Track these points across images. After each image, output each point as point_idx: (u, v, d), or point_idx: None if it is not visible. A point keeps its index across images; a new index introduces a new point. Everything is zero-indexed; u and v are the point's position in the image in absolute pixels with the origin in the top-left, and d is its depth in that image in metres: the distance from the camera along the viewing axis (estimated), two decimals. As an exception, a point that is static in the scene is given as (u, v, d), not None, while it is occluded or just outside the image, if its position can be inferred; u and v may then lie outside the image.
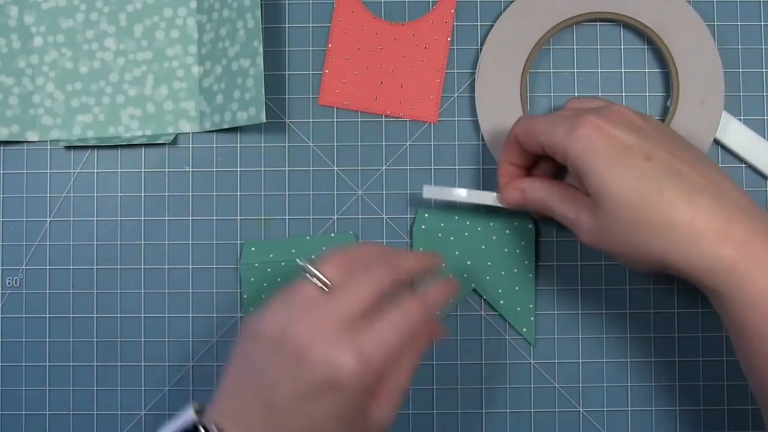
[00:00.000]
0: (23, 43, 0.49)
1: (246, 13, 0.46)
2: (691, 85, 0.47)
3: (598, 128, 0.38)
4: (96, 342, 0.49)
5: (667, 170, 0.37)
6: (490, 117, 0.48)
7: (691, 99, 0.47)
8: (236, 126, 0.48)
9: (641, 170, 0.37)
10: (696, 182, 0.37)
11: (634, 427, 0.48)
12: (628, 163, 0.37)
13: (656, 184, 0.37)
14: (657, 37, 0.47)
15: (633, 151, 0.38)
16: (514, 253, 0.48)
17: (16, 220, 0.49)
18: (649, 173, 0.37)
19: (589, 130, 0.38)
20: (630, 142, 0.38)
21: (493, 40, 0.48)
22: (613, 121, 0.39)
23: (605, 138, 0.38)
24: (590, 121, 0.38)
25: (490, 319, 0.48)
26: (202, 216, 0.49)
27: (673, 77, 0.47)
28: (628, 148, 0.38)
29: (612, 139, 0.38)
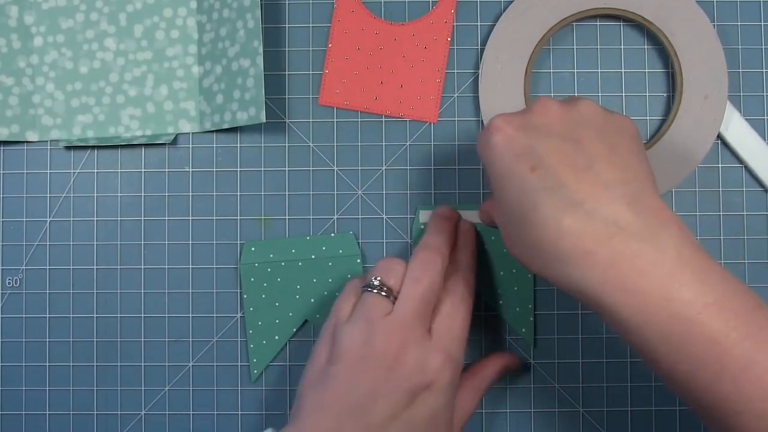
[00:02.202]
0: (23, 43, 0.49)
1: (246, 13, 0.46)
2: (694, 80, 0.47)
3: (500, 132, 0.36)
4: (96, 342, 0.49)
5: (550, 183, 0.35)
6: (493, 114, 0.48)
7: (695, 93, 0.47)
8: (236, 126, 0.48)
9: (523, 183, 0.35)
10: (575, 196, 0.34)
11: (634, 427, 0.48)
12: (516, 173, 0.36)
13: (533, 199, 0.35)
14: (659, 31, 0.47)
15: (522, 159, 0.36)
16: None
17: (16, 220, 0.49)
18: (529, 187, 0.35)
19: (492, 134, 0.37)
20: (522, 147, 0.36)
21: (496, 38, 0.48)
22: (518, 123, 0.36)
23: (504, 143, 0.36)
24: (494, 124, 0.37)
25: (490, 319, 0.48)
26: (202, 216, 0.49)
27: (677, 71, 0.47)
28: (519, 156, 0.36)
29: (509, 143, 0.36)
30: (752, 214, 0.48)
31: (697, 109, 0.47)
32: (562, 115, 0.37)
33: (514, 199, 0.36)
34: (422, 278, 0.40)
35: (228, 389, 0.48)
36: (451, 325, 0.41)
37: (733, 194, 0.48)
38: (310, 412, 0.39)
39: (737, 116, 0.47)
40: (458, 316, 0.41)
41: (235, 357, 0.48)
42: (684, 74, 0.47)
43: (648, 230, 0.34)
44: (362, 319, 0.40)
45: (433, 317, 0.41)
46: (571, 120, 0.37)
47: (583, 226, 0.34)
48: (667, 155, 0.47)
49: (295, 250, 0.48)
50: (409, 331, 0.39)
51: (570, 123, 0.37)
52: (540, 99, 0.38)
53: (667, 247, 0.33)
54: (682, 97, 0.47)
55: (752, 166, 0.47)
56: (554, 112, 0.37)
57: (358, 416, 0.38)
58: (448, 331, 0.40)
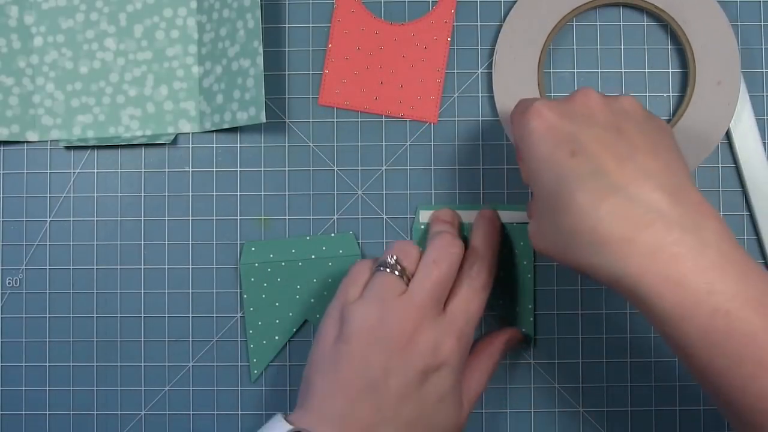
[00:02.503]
0: (23, 43, 0.49)
1: (246, 13, 0.46)
2: (706, 66, 0.47)
3: (541, 117, 0.36)
4: (96, 342, 0.49)
5: (589, 169, 0.34)
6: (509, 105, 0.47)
7: (708, 79, 0.47)
8: (236, 126, 0.48)
9: (561, 168, 0.35)
10: (617, 181, 0.34)
11: (634, 427, 0.48)
12: (555, 159, 0.35)
13: (571, 184, 0.34)
14: (670, 18, 0.47)
15: (562, 145, 0.35)
16: (513, 253, 0.48)
17: (16, 220, 0.49)
18: (568, 172, 0.35)
19: (531, 118, 0.36)
20: (563, 134, 0.35)
21: (508, 29, 0.48)
22: (560, 110, 0.36)
23: (544, 128, 0.36)
24: (536, 109, 0.36)
25: (490, 319, 0.48)
26: (202, 216, 0.49)
27: (689, 58, 0.47)
28: (560, 142, 0.35)
29: (550, 130, 0.36)
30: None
31: (711, 95, 0.47)
32: (605, 106, 0.37)
33: (551, 185, 0.35)
34: (440, 262, 0.40)
35: (228, 389, 0.48)
36: (467, 308, 0.41)
37: (733, 194, 0.48)
38: (321, 394, 0.39)
39: (748, 109, 0.48)
40: (475, 301, 0.41)
41: (235, 357, 0.48)
42: (696, 60, 0.47)
43: (690, 220, 0.33)
44: (375, 299, 0.40)
45: (449, 299, 0.41)
46: (613, 111, 0.37)
47: (623, 211, 0.33)
48: (682, 142, 0.47)
49: (295, 250, 0.48)
50: (423, 312, 0.39)
51: (612, 114, 0.36)
52: (581, 89, 0.38)
53: (708, 238, 0.33)
54: (696, 83, 0.47)
55: (744, 167, 0.48)
56: (596, 102, 0.37)
57: (371, 396, 0.38)
58: (463, 314, 0.41)
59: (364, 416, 0.38)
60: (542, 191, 0.36)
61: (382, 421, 0.38)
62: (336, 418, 0.38)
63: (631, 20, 0.49)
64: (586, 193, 0.34)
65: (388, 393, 0.38)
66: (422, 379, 0.38)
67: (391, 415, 0.38)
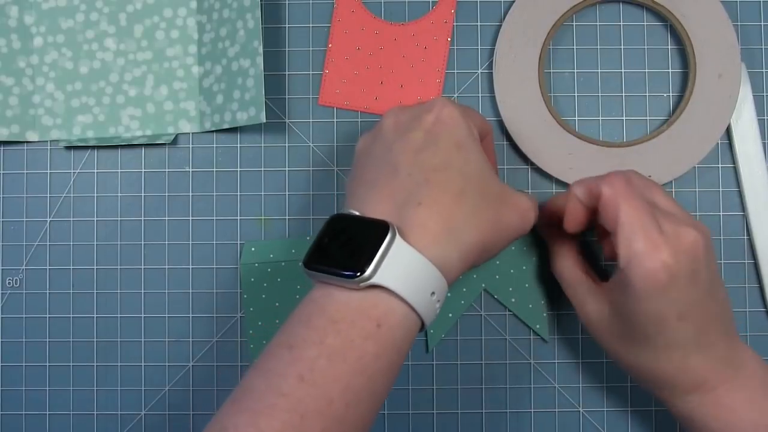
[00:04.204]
0: (23, 43, 0.49)
1: (246, 14, 0.46)
2: (707, 60, 0.47)
3: (667, 272, 0.37)
4: (96, 342, 0.49)
5: (692, 332, 0.38)
6: (511, 103, 0.48)
7: (709, 73, 0.47)
8: (236, 126, 0.48)
9: (667, 329, 0.38)
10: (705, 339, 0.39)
11: (634, 427, 0.48)
12: (662, 317, 0.38)
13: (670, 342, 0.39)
14: (669, 13, 0.47)
15: (671, 307, 0.38)
16: (521, 251, 0.48)
17: (16, 220, 0.49)
18: (670, 332, 0.38)
19: (657, 269, 0.37)
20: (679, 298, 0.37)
21: (508, 28, 0.48)
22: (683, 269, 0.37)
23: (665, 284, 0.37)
24: (664, 262, 0.37)
25: (490, 319, 0.48)
26: (202, 216, 0.49)
27: (689, 53, 0.47)
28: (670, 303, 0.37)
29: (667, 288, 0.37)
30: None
31: (712, 89, 0.47)
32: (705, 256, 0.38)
33: (648, 330, 0.39)
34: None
35: (228, 389, 0.48)
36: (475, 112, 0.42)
37: (733, 194, 0.48)
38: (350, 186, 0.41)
39: (749, 103, 0.48)
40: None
41: (235, 357, 0.48)
42: (696, 55, 0.47)
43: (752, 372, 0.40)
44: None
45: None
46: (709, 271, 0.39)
47: (709, 366, 0.39)
48: (685, 136, 0.47)
49: (295, 250, 0.48)
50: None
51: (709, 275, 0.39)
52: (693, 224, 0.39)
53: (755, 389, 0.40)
54: (696, 77, 0.47)
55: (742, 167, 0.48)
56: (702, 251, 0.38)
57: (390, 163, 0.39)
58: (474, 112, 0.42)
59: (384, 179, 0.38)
60: (639, 325, 0.39)
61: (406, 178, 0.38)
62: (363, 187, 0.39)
63: (631, 20, 0.49)
64: (679, 351, 0.39)
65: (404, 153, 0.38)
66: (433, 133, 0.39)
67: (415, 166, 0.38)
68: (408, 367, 0.48)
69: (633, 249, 0.37)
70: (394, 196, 0.37)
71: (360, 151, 0.41)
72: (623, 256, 0.37)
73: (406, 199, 0.37)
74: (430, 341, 0.48)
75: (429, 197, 0.36)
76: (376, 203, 0.37)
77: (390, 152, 0.39)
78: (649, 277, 0.37)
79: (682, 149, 0.47)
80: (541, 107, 0.47)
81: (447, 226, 0.36)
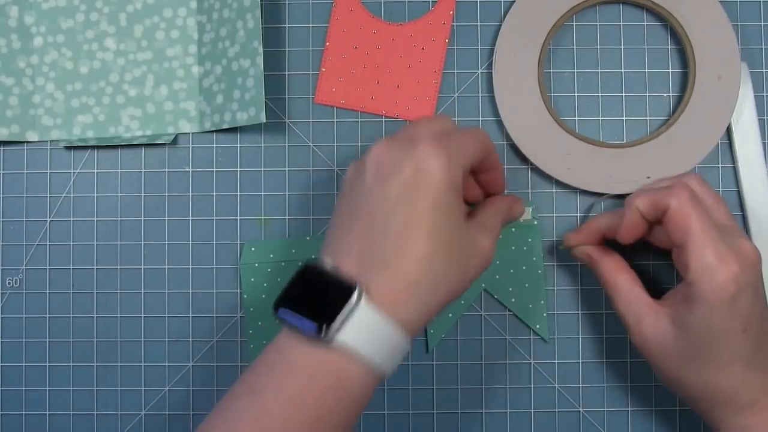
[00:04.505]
0: (23, 43, 0.49)
1: (246, 14, 0.46)
2: (706, 61, 0.47)
3: (736, 283, 0.38)
4: (96, 342, 0.49)
5: (750, 346, 0.39)
6: (510, 103, 0.48)
7: (708, 75, 0.47)
8: (236, 126, 0.48)
9: (732, 342, 0.39)
10: (759, 356, 0.40)
11: (634, 427, 0.48)
12: (728, 330, 0.38)
13: (733, 356, 0.39)
14: (669, 14, 0.47)
15: (738, 321, 0.38)
16: (521, 251, 0.48)
17: (16, 220, 0.49)
18: (735, 345, 0.39)
19: (728, 280, 0.38)
20: (745, 311, 0.38)
21: (508, 28, 0.48)
22: (748, 282, 0.38)
23: (733, 296, 0.38)
24: (734, 274, 0.38)
25: (490, 319, 0.48)
26: (202, 216, 0.49)
27: (689, 54, 0.47)
28: (737, 318, 0.38)
29: (735, 301, 0.38)
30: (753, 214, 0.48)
31: (712, 90, 0.47)
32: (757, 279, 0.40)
33: (716, 343, 0.39)
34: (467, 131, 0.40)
35: (228, 389, 0.48)
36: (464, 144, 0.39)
37: (732, 194, 0.48)
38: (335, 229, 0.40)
39: (750, 102, 0.48)
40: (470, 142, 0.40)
41: (235, 357, 0.48)
42: (696, 56, 0.47)
43: None
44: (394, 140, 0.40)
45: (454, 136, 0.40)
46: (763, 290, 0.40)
47: (759, 383, 0.40)
48: (685, 136, 0.47)
49: (295, 251, 0.48)
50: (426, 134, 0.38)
51: (763, 294, 0.40)
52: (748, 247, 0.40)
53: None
54: (696, 79, 0.47)
55: (741, 168, 0.48)
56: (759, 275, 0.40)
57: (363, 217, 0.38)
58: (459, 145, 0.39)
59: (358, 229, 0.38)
60: (698, 340, 0.39)
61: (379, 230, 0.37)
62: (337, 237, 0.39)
63: (631, 20, 0.49)
64: (741, 365, 0.39)
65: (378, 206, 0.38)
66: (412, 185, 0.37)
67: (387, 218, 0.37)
68: (408, 367, 0.48)
69: (704, 262, 0.38)
70: (363, 254, 0.37)
71: (346, 184, 0.41)
72: (695, 268, 0.38)
73: (375, 258, 0.36)
74: (430, 341, 0.48)
75: (397, 260, 0.36)
76: (347, 256, 0.37)
77: (367, 198, 0.38)
78: (721, 289, 0.38)
79: (681, 150, 0.47)
80: (540, 107, 0.47)
81: (414, 288, 0.36)
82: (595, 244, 0.45)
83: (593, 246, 0.45)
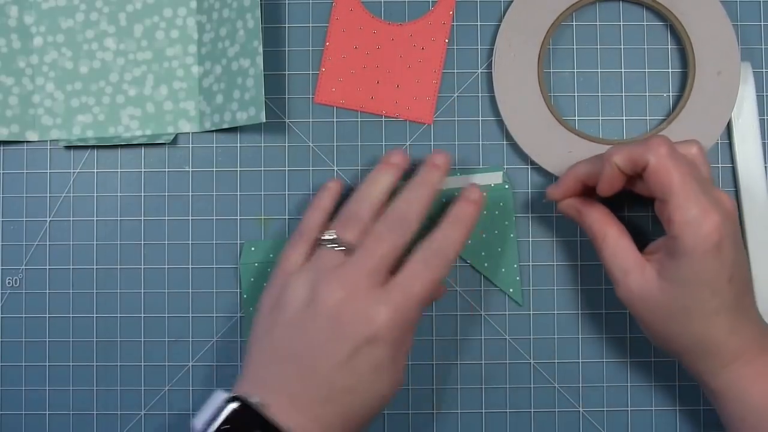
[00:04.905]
0: (23, 43, 0.49)
1: (246, 13, 0.46)
2: (706, 57, 0.47)
3: (719, 233, 0.38)
4: (96, 342, 0.49)
5: (735, 294, 0.40)
6: (510, 102, 0.48)
7: (708, 70, 0.47)
8: (236, 126, 0.48)
9: (719, 291, 0.39)
10: (748, 306, 0.41)
11: (634, 427, 0.48)
12: (716, 279, 0.39)
13: (720, 307, 0.40)
14: (668, 11, 0.47)
15: (726, 269, 0.39)
16: (493, 215, 0.48)
17: (16, 220, 0.49)
18: (723, 294, 0.39)
19: (712, 231, 0.38)
20: (728, 260, 0.39)
21: (507, 27, 0.48)
22: (729, 232, 0.39)
23: (717, 245, 0.38)
24: (717, 225, 0.38)
25: (490, 319, 0.48)
26: (202, 216, 0.49)
27: (688, 51, 0.47)
28: (725, 266, 0.39)
29: (720, 250, 0.38)
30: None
31: (711, 86, 0.47)
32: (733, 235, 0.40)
33: (704, 293, 0.39)
34: (387, 238, 0.41)
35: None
36: (411, 285, 0.40)
37: (732, 194, 0.48)
38: (257, 362, 0.41)
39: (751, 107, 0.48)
40: (424, 279, 0.41)
41: (235, 357, 0.48)
42: (696, 53, 0.47)
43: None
44: (311, 270, 0.41)
45: (400, 269, 0.41)
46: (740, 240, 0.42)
47: (751, 336, 0.41)
48: (684, 134, 0.47)
49: None
50: (357, 283, 0.40)
51: (741, 244, 0.41)
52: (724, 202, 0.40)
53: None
54: (696, 75, 0.47)
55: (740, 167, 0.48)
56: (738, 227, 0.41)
57: (303, 367, 0.39)
58: (403, 290, 0.40)
59: (297, 386, 0.39)
60: (686, 291, 0.39)
61: (313, 388, 0.39)
62: (268, 385, 0.39)
63: (631, 20, 0.49)
64: (729, 314, 0.40)
65: (319, 363, 0.39)
66: (355, 351, 0.39)
67: (325, 385, 0.39)
68: (408, 367, 0.48)
69: (688, 215, 0.38)
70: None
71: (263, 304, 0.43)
72: (678, 222, 0.38)
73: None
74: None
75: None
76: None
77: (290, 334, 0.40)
78: (705, 240, 0.38)
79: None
80: (540, 105, 0.47)
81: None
82: (577, 195, 0.44)
83: (579, 198, 0.44)
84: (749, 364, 0.40)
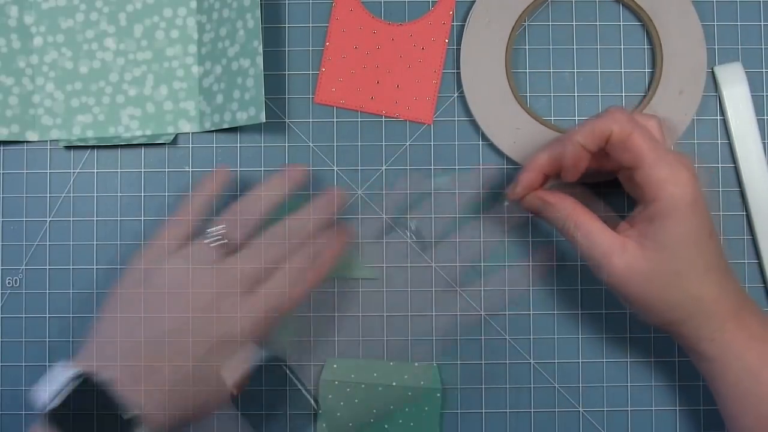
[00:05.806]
0: (23, 43, 0.49)
1: (246, 13, 0.46)
2: (673, 73, 0.47)
3: (693, 186, 0.39)
4: (96, 342, 0.48)
5: (716, 250, 0.40)
6: (473, 69, 0.48)
7: (671, 87, 0.47)
8: (236, 126, 0.48)
9: (702, 247, 0.40)
10: (725, 264, 0.41)
11: (634, 427, 0.48)
12: (698, 235, 0.40)
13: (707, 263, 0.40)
14: (648, 19, 0.47)
15: (702, 223, 0.40)
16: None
17: (16, 220, 0.49)
18: (706, 250, 0.40)
19: (687, 184, 0.39)
20: (706, 215, 0.40)
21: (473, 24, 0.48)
22: (700, 186, 0.40)
23: (695, 198, 0.39)
24: (691, 179, 0.39)
25: (491, 320, 0.48)
26: (201, 216, 0.49)
27: (658, 62, 0.47)
28: (705, 222, 0.40)
29: (697, 204, 0.39)
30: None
31: (671, 103, 0.47)
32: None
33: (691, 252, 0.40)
34: (269, 252, 0.43)
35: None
36: (273, 303, 0.42)
37: (732, 194, 0.48)
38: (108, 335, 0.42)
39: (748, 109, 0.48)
40: (290, 297, 0.43)
41: (234, 357, 0.48)
42: (664, 66, 0.47)
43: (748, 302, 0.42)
44: (187, 258, 0.42)
45: (264, 280, 0.42)
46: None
47: (735, 292, 0.41)
48: None
49: (376, 374, 0.47)
50: (229, 285, 0.42)
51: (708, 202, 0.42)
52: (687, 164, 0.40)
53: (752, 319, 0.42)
54: (659, 87, 0.47)
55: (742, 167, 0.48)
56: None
57: (157, 349, 0.41)
58: (266, 302, 0.42)
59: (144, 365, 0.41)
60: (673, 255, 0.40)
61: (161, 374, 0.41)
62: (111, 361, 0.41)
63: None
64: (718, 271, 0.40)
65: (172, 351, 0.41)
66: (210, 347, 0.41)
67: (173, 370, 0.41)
68: (408, 367, 0.48)
69: (663, 175, 0.39)
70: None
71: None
72: (655, 184, 0.39)
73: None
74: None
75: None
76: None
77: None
78: (684, 194, 0.39)
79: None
80: (502, 81, 0.47)
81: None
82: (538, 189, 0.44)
83: (543, 191, 0.44)
84: (744, 327, 0.41)
